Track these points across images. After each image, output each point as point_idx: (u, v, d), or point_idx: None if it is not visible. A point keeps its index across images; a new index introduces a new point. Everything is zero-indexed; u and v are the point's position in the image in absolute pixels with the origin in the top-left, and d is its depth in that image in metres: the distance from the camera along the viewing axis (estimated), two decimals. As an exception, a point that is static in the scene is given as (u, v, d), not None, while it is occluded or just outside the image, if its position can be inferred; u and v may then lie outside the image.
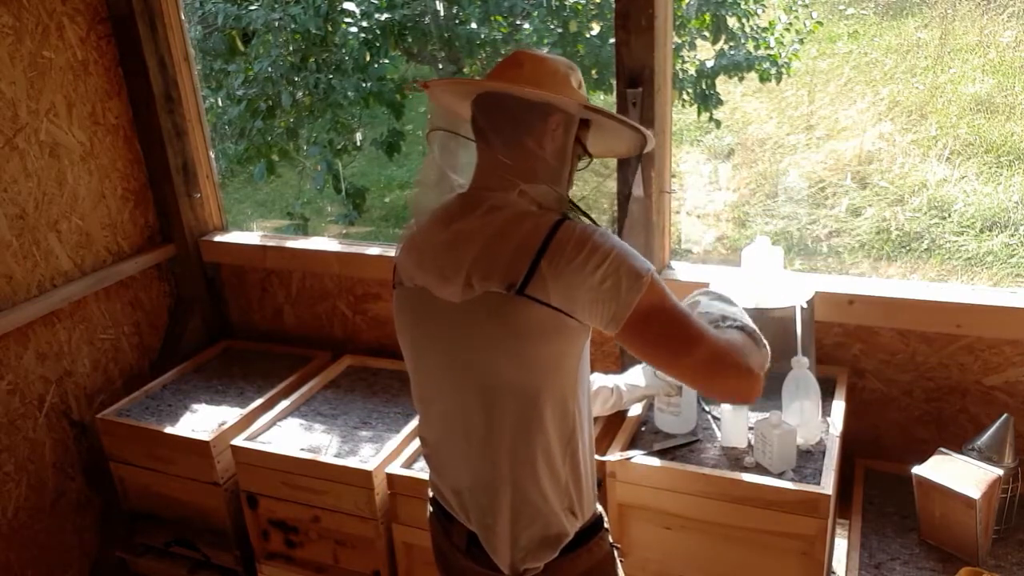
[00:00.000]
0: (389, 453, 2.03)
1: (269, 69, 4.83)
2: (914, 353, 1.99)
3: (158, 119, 2.57)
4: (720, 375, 1.30)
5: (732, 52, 5.20)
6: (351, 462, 2.03)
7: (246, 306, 2.82)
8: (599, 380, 1.75)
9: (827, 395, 1.86)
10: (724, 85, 5.65)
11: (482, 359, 1.27)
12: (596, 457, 1.42)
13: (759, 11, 5.31)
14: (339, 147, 5.12)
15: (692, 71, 5.22)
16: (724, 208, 6.20)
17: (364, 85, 4.73)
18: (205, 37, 5.07)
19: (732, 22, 5.17)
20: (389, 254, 2.48)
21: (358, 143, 5.39)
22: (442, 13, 4.92)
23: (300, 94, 4.87)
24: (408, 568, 2.05)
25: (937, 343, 1.96)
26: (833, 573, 1.91)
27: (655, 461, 1.74)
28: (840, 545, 1.90)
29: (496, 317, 1.24)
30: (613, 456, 1.75)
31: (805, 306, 1.78)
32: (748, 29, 5.25)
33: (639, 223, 2.05)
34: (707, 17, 5.02)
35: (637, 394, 1.79)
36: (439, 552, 1.50)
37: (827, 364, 2.03)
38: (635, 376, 1.79)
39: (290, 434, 2.18)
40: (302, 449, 2.11)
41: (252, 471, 2.13)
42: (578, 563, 1.36)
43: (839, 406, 1.86)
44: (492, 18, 4.93)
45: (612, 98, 2.43)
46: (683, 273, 2.14)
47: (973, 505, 1.59)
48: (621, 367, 2.18)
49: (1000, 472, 1.64)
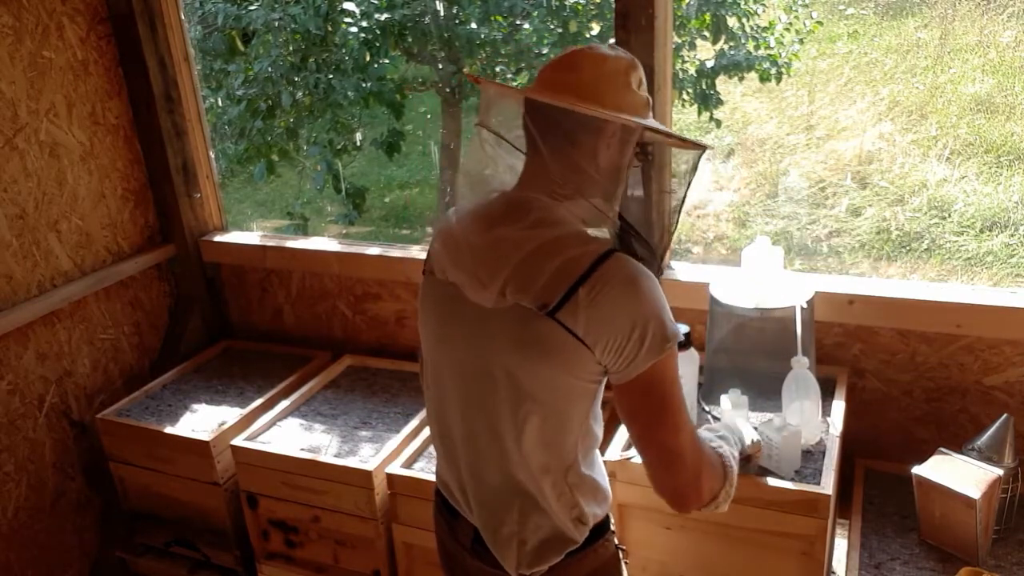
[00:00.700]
0: (389, 453, 2.03)
1: (269, 69, 4.83)
2: (914, 353, 1.99)
3: (158, 119, 2.57)
4: (675, 470, 1.26)
5: (732, 52, 5.20)
6: (351, 462, 2.03)
7: (246, 306, 2.82)
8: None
9: (827, 395, 1.86)
10: (724, 85, 5.65)
11: (508, 366, 1.25)
12: None
13: (759, 11, 5.31)
14: (339, 147, 5.13)
15: (692, 71, 5.22)
16: (724, 208, 6.20)
17: (364, 85, 4.73)
18: (205, 37, 5.08)
19: (732, 22, 5.16)
20: (389, 254, 2.48)
21: (358, 143, 5.40)
22: (442, 13, 4.92)
23: (300, 94, 4.87)
24: (408, 568, 2.05)
25: (937, 343, 1.96)
26: (833, 573, 1.91)
27: (655, 461, 1.73)
28: (840, 545, 1.90)
29: (523, 330, 1.22)
30: (613, 456, 1.75)
31: (805, 306, 1.77)
32: (748, 29, 5.25)
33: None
34: (707, 17, 5.02)
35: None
36: (444, 550, 1.50)
37: (827, 364, 2.03)
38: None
39: (290, 434, 2.18)
40: (302, 449, 2.11)
41: (252, 471, 2.14)
42: (584, 564, 1.36)
43: (839, 406, 1.85)
44: (492, 18, 4.93)
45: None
46: (683, 273, 2.13)
47: (973, 505, 1.59)
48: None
49: (1000, 472, 1.63)
